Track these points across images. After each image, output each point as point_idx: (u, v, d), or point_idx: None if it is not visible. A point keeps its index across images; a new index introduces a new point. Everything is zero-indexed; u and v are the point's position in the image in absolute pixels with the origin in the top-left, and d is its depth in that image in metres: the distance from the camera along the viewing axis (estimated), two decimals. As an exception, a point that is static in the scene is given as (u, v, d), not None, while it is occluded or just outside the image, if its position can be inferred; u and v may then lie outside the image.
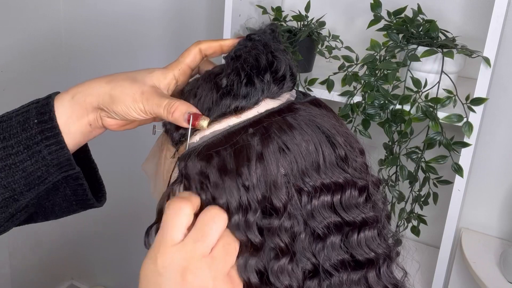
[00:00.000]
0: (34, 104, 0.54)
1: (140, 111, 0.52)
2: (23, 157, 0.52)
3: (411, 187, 1.02)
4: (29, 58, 1.56)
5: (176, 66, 0.55)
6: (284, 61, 0.52)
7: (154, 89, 0.52)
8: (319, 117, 0.50)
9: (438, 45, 0.92)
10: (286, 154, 0.47)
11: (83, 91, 0.53)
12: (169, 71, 0.54)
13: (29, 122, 0.52)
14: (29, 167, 0.52)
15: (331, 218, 0.48)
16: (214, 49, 0.56)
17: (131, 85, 0.52)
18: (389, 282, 0.52)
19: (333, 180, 0.48)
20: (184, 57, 0.55)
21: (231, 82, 0.50)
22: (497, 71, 1.06)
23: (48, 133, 0.52)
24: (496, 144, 1.13)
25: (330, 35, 1.08)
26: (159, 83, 0.53)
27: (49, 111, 0.52)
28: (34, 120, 0.52)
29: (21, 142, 0.52)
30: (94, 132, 0.56)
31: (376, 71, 0.94)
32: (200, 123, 0.49)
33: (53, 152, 0.52)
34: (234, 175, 0.46)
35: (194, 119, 0.49)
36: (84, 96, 0.53)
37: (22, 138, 0.52)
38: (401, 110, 0.93)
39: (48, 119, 0.52)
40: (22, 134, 0.52)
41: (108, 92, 0.52)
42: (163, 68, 0.55)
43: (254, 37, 0.53)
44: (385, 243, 0.52)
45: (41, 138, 0.52)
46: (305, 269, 0.48)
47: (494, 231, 1.18)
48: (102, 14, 1.57)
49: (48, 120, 0.52)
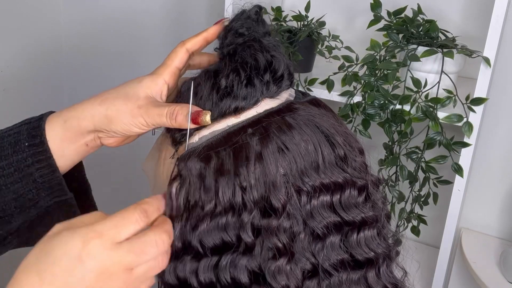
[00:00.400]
0: (25, 125, 0.53)
1: (142, 125, 0.51)
2: (14, 178, 0.51)
3: (411, 187, 1.02)
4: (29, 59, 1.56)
5: (164, 70, 0.53)
6: (282, 60, 0.52)
7: (149, 100, 0.51)
8: (318, 117, 0.50)
9: (438, 45, 0.92)
10: (285, 154, 0.47)
11: (76, 116, 0.52)
12: (159, 77, 0.53)
13: (20, 145, 0.52)
14: (20, 189, 0.52)
15: (330, 218, 0.48)
16: (200, 44, 0.55)
17: (126, 102, 0.51)
18: (389, 281, 0.52)
19: (333, 180, 0.48)
20: (171, 60, 0.54)
21: (231, 82, 0.49)
22: (497, 71, 1.06)
23: (39, 156, 0.52)
24: (496, 144, 1.13)
25: (330, 35, 1.08)
26: (151, 91, 0.52)
27: (40, 134, 0.52)
28: (25, 143, 0.52)
29: (12, 164, 0.51)
30: (91, 150, 0.55)
31: (376, 71, 0.94)
32: (203, 119, 0.49)
33: (44, 175, 0.52)
34: (231, 176, 0.46)
35: (197, 117, 0.49)
36: (78, 120, 0.52)
37: (13, 160, 0.51)
38: (401, 110, 0.93)
39: (39, 143, 0.52)
40: (13, 156, 0.51)
41: (103, 113, 0.51)
42: (151, 75, 0.53)
43: (243, 31, 0.52)
44: (384, 242, 0.52)
45: (32, 161, 0.51)
46: (304, 269, 0.48)
47: (494, 231, 1.18)
48: (102, 14, 1.57)
49: (39, 144, 0.52)
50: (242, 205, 0.46)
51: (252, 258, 0.47)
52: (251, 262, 0.47)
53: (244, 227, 0.46)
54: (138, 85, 0.52)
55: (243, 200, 0.46)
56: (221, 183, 0.46)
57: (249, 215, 0.46)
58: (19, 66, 1.53)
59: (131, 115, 0.51)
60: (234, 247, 0.47)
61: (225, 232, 0.47)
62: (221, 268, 0.47)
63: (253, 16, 0.53)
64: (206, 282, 0.47)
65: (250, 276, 0.47)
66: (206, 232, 0.47)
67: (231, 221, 0.46)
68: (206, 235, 0.47)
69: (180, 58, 0.54)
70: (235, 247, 0.47)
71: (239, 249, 0.47)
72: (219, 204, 0.46)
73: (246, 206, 0.46)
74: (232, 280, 0.47)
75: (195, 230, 0.47)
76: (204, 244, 0.47)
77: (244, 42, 0.52)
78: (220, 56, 0.53)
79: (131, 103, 0.51)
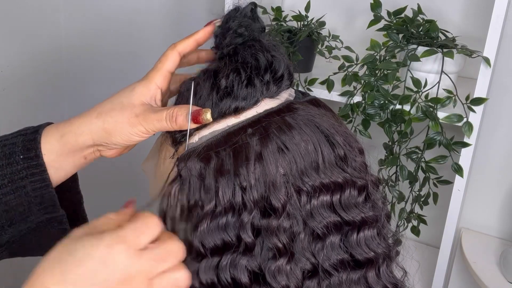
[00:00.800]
0: (21, 136, 0.52)
1: (142, 133, 0.51)
2: (7, 190, 0.51)
3: (411, 187, 1.02)
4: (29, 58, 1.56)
5: (155, 74, 0.53)
6: (282, 60, 0.52)
7: (145, 107, 0.51)
8: (318, 117, 0.50)
9: (438, 45, 0.92)
10: (285, 154, 0.47)
11: (73, 131, 0.52)
12: (150, 82, 0.52)
13: (15, 157, 0.51)
14: (11, 201, 0.51)
15: (330, 218, 0.48)
16: (191, 46, 0.54)
17: (122, 112, 0.51)
18: (389, 281, 0.52)
19: (332, 179, 0.48)
20: (163, 63, 0.53)
21: (231, 83, 0.49)
22: (497, 71, 1.06)
23: (33, 170, 0.51)
24: (496, 144, 1.13)
25: (330, 35, 1.08)
26: (145, 98, 0.51)
27: (35, 147, 0.51)
28: (20, 156, 0.51)
29: (5, 176, 0.51)
30: (89, 162, 0.55)
31: (376, 71, 0.94)
32: (204, 117, 0.48)
33: (37, 189, 0.51)
34: (231, 176, 0.46)
35: (197, 116, 0.49)
36: (75, 136, 0.52)
37: (7, 172, 0.51)
38: (401, 110, 0.93)
39: (34, 156, 0.51)
40: (7, 168, 0.51)
41: (101, 127, 0.51)
42: (143, 80, 0.53)
43: (242, 31, 0.52)
44: (384, 242, 0.52)
45: (26, 174, 0.51)
46: (304, 269, 0.48)
47: (494, 231, 1.18)
48: (101, 14, 1.57)
49: (34, 157, 0.51)
50: (242, 205, 0.46)
51: (252, 258, 0.47)
52: (251, 262, 0.47)
53: (244, 227, 0.46)
54: (131, 93, 0.51)
55: (243, 200, 0.46)
56: (221, 183, 0.46)
57: (249, 215, 0.46)
58: (19, 66, 1.53)
59: (129, 125, 0.50)
60: (234, 247, 0.47)
61: (225, 232, 0.47)
62: (221, 268, 0.47)
63: (249, 14, 0.53)
64: (207, 282, 0.47)
65: (250, 276, 0.47)
66: (206, 233, 0.47)
67: (231, 221, 0.46)
68: (206, 235, 0.47)
69: (171, 61, 0.53)
70: (235, 247, 0.47)
71: (239, 249, 0.47)
72: (219, 204, 0.46)
73: (246, 206, 0.46)
74: (232, 280, 0.47)
75: (195, 230, 0.47)
76: (205, 245, 0.47)
77: (245, 42, 0.52)
78: (219, 56, 0.53)
79: (127, 112, 0.50)
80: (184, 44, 0.54)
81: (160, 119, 0.50)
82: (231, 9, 0.54)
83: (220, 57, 0.53)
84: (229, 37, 0.52)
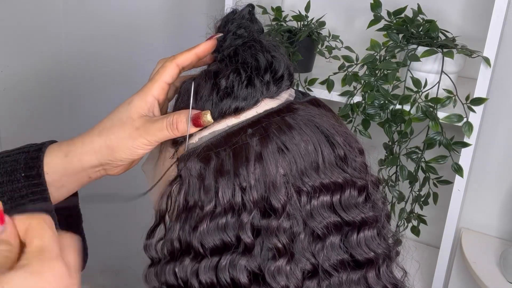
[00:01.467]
0: (23, 153, 0.52)
1: (145, 145, 0.51)
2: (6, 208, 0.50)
3: (411, 187, 1.02)
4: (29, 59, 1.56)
5: (152, 85, 0.52)
6: (282, 61, 0.52)
7: (144, 119, 0.51)
8: (318, 117, 0.50)
9: (438, 45, 0.92)
10: (285, 154, 0.47)
11: (77, 150, 0.52)
12: (147, 94, 0.52)
13: (16, 174, 0.51)
14: None
15: (330, 218, 0.48)
16: (191, 60, 0.54)
17: (123, 127, 0.51)
18: (389, 282, 0.52)
19: (333, 180, 0.48)
20: (161, 75, 0.52)
21: (231, 83, 0.49)
22: (497, 71, 1.06)
23: (34, 188, 0.51)
24: (496, 144, 1.13)
25: (330, 35, 1.08)
26: (142, 110, 0.51)
27: (38, 166, 0.51)
28: (22, 173, 0.51)
29: (6, 193, 0.51)
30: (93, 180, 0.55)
31: (376, 71, 0.94)
32: (205, 119, 0.48)
33: (37, 208, 0.51)
34: (231, 176, 0.46)
35: (198, 120, 0.49)
36: (80, 155, 0.51)
37: (7, 189, 0.51)
38: (401, 110, 0.93)
39: (36, 175, 0.51)
40: (8, 185, 0.51)
41: (104, 144, 0.51)
42: (140, 93, 0.52)
43: (242, 33, 0.52)
44: (384, 242, 0.52)
45: (27, 192, 0.51)
46: (304, 269, 0.48)
47: (494, 231, 1.18)
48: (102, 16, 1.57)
49: (35, 176, 0.51)
50: (241, 205, 0.46)
51: (251, 259, 0.47)
52: (250, 263, 0.47)
53: (243, 228, 0.46)
54: (129, 107, 0.51)
55: (242, 200, 0.46)
56: (221, 184, 0.46)
57: (248, 216, 0.46)
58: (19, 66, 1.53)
59: (131, 139, 0.50)
60: (233, 248, 0.47)
61: (225, 233, 0.47)
62: (220, 268, 0.47)
63: (247, 16, 0.53)
64: (207, 282, 0.47)
65: (249, 277, 0.47)
66: (206, 233, 0.47)
67: (230, 221, 0.46)
68: (206, 235, 0.47)
69: (169, 74, 0.53)
70: (234, 247, 0.47)
71: (238, 249, 0.47)
72: (218, 204, 0.46)
73: (246, 206, 0.46)
74: (232, 280, 0.47)
75: (195, 230, 0.47)
76: (204, 245, 0.47)
77: (244, 43, 0.52)
78: (220, 57, 0.53)
79: (128, 127, 0.51)
80: (183, 57, 0.54)
81: (161, 128, 0.50)
82: (229, 12, 0.54)
83: (221, 59, 0.53)
84: (229, 39, 0.52)
